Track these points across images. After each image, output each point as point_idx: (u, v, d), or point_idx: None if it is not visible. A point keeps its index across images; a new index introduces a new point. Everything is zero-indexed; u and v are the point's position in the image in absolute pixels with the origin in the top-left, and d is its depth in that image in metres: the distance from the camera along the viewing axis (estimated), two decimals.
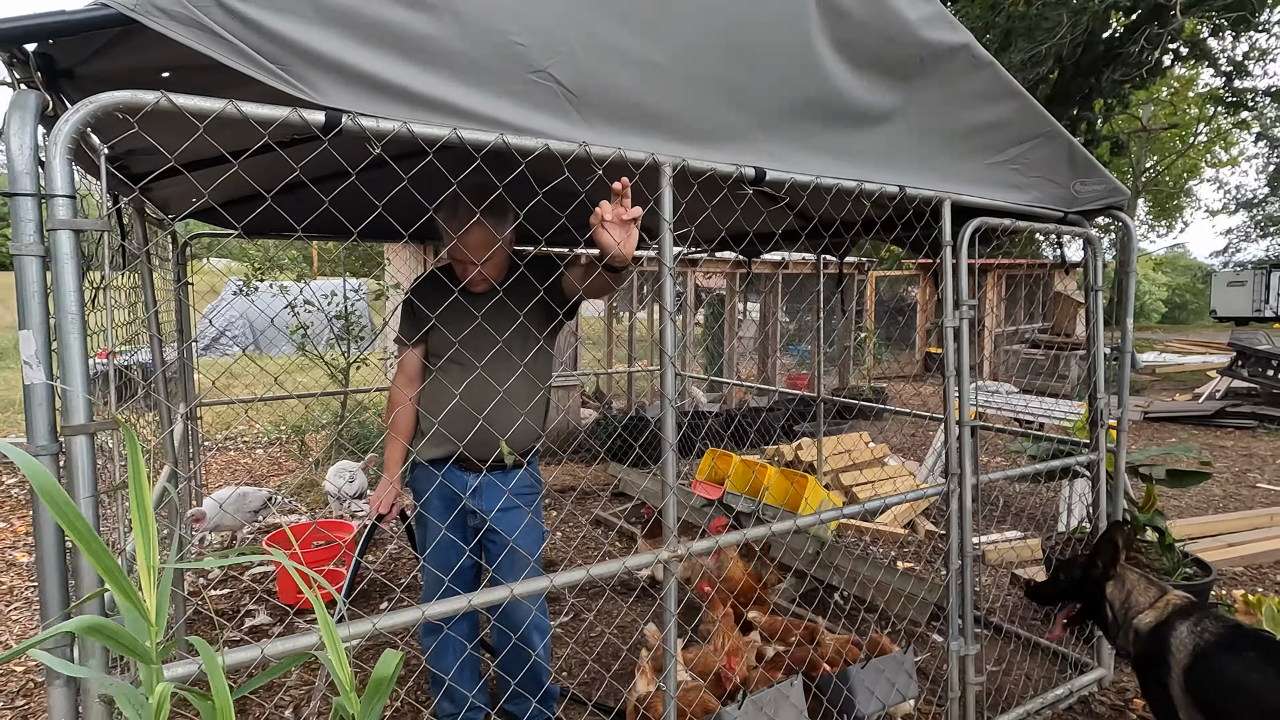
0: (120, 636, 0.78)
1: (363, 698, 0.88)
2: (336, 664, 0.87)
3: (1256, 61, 16.41)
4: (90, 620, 0.78)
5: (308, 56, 1.25)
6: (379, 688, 0.88)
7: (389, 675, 0.89)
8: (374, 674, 0.90)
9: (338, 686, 0.88)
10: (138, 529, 0.83)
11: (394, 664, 0.90)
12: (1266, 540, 4.34)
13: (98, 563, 0.78)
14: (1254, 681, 1.80)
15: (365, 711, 0.86)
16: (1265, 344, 8.89)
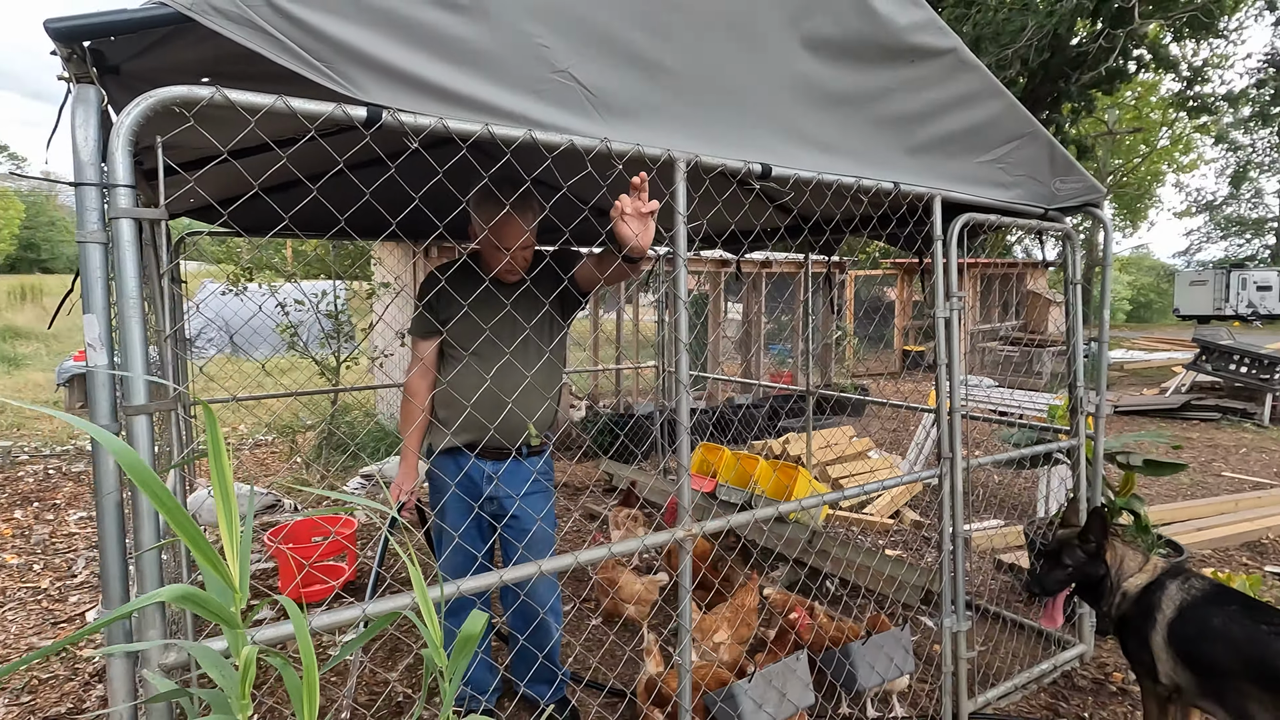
0: (208, 603, 0.83)
1: (450, 655, 0.94)
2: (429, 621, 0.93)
3: (1215, 68, 17.01)
4: (182, 589, 0.83)
5: (350, 54, 1.31)
6: (466, 643, 0.94)
7: (476, 632, 0.95)
8: (461, 631, 0.96)
9: (429, 643, 0.94)
10: (219, 500, 0.88)
11: (481, 622, 0.96)
12: (1232, 525, 4.55)
13: (184, 533, 0.83)
14: (1235, 632, 1.94)
15: (453, 668, 0.92)
16: (1227, 340, 9.24)
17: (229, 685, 0.83)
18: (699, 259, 8.13)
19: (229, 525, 0.90)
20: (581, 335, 8.92)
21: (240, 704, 0.83)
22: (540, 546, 2.08)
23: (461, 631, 0.95)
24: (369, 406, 6.60)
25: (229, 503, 0.93)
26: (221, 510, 0.93)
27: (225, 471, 0.95)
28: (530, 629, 2.10)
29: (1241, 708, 1.92)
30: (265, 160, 2.40)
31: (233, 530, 0.90)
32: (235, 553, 0.91)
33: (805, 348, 4.98)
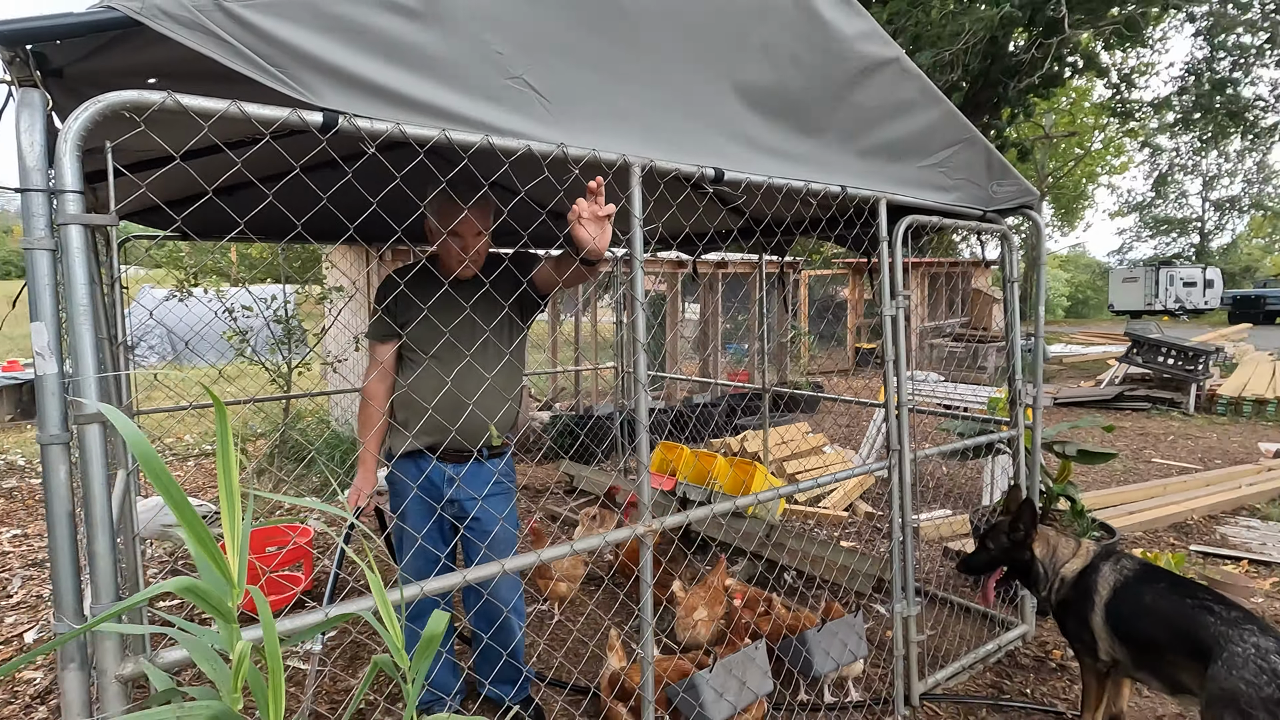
0: (208, 595, 0.84)
1: (413, 656, 0.95)
2: (388, 624, 0.94)
3: (1141, 74, 17.92)
4: (186, 581, 0.84)
5: (306, 59, 1.31)
6: (429, 644, 0.96)
7: (439, 633, 0.97)
8: (425, 632, 0.98)
9: (389, 646, 0.95)
10: (224, 496, 0.89)
11: (444, 623, 0.98)
12: (1160, 508, 4.83)
13: (189, 526, 0.83)
14: (1161, 606, 2.08)
15: (416, 670, 0.94)
16: (1156, 334, 9.76)
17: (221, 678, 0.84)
18: (656, 260, 8.20)
19: (231, 521, 0.91)
20: (540, 337, 8.89)
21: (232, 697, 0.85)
22: (502, 547, 2.09)
23: (425, 632, 0.97)
24: (323, 413, 6.46)
25: (233, 500, 0.93)
26: (226, 506, 0.94)
27: (231, 470, 0.95)
28: (494, 629, 2.11)
29: (1173, 677, 2.06)
30: (215, 163, 2.35)
31: (234, 526, 0.91)
32: (236, 548, 0.91)
33: (761, 347, 5.09)
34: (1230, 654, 1.83)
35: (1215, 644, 1.89)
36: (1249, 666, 1.78)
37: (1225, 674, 1.81)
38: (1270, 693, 1.71)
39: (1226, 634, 1.89)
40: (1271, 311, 22.78)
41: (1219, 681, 1.81)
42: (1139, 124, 21.32)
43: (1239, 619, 1.93)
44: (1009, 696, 2.74)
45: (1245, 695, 1.74)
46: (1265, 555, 4.10)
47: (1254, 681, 1.75)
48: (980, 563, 2.56)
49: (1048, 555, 2.43)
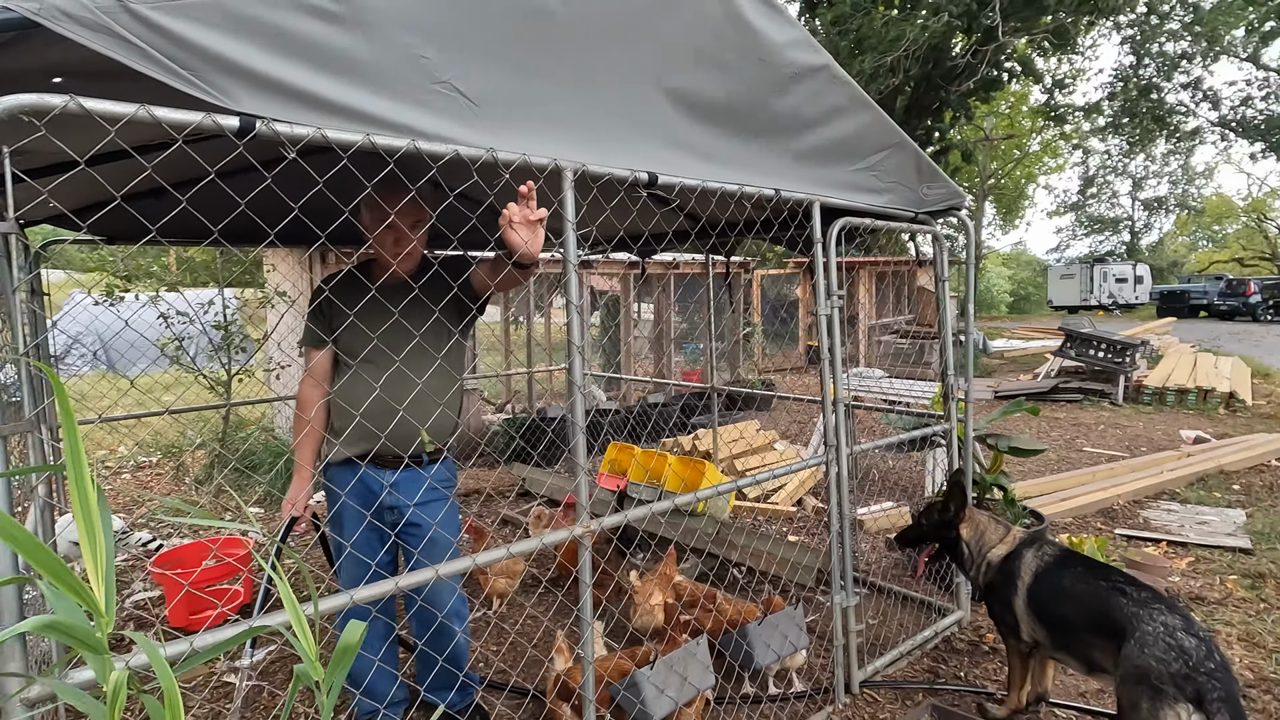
0: (74, 631, 0.81)
1: (328, 666, 0.94)
2: (301, 636, 0.93)
3: (1073, 79, 18.73)
4: (46, 618, 0.81)
5: (218, 63, 1.29)
6: (344, 655, 0.95)
7: (354, 643, 0.96)
8: (340, 642, 0.97)
9: (303, 657, 0.94)
10: (81, 522, 0.86)
11: (359, 633, 0.97)
12: (1089, 494, 5.07)
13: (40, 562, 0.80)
14: (1077, 589, 2.20)
15: (330, 678, 0.93)
16: (1089, 328, 10.22)
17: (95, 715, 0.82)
18: (611, 262, 8.22)
19: (92, 548, 0.88)
20: (494, 339, 8.82)
21: None
22: (441, 552, 2.08)
23: (339, 643, 0.97)
24: (266, 421, 6.28)
25: (91, 525, 0.91)
26: (84, 533, 0.91)
27: (88, 493, 0.93)
28: (435, 636, 2.10)
29: (1089, 657, 2.18)
30: (134, 165, 2.28)
31: (96, 553, 0.88)
32: (100, 576, 0.89)
33: (712, 346, 5.15)
34: (1142, 633, 1.94)
35: (1128, 624, 2.00)
36: (1159, 644, 1.89)
37: (1138, 652, 1.92)
38: (1178, 669, 1.82)
39: (1138, 614, 2.00)
40: (1195, 305, 24.09)
41: (1132, 660, 1.92)
42: (1072, 127, 22.26)
43: (1148, 599, 2.05)
44: (944, 680, 2.84)
45: (1156, 671, 1.85)
46: (1182, 536, 4.35)
47: (1163, 658, 1.86)
48: (912, 537, 2.72)
49: (974, 537, 2.54)
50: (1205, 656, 1.82)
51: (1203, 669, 1.78)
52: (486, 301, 2.18)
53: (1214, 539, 4.27)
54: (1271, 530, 4.39)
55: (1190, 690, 1.76)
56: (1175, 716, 1.75)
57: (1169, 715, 1.76)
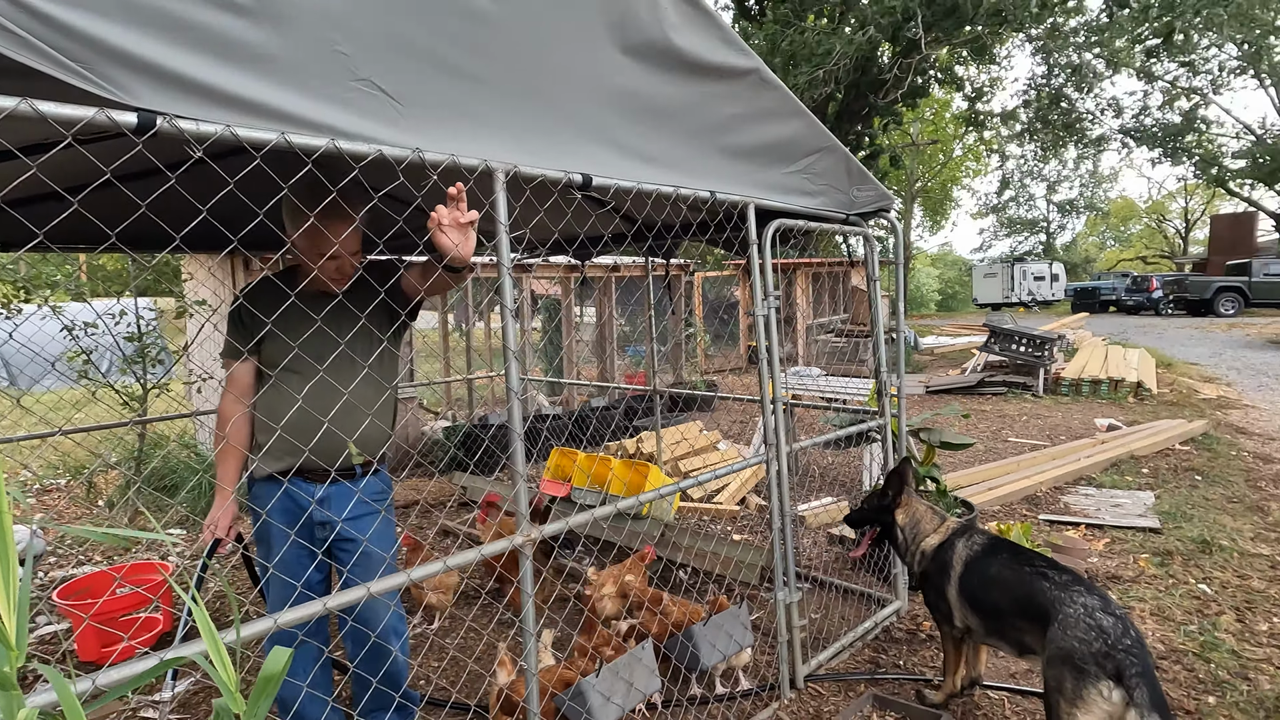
0: None
1: (250, 697, 0.88)
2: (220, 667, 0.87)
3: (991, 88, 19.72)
4: None
5: (114, 55, 1.20)
6: (267, 684, 0.89)
7: (278, 672, 0.90)
8: (262, 671, 0.91)
9: (222, 689, 0.88)
10: None
11: (283, 660, 0.91)
12: (1014, 483, 5.31)
13: None
14: (1004, 575, 2.29)
15: (252, 710, 0.87)
16: (1010, 324, 10.74)
17: None
18: (550, 265, 8.14)
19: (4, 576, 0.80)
20: (430, 348, 8.61)
21: None
22: (376, 568, 2.00)
23: (262, 671, 0.91)
24: (189, 436, 5.94)
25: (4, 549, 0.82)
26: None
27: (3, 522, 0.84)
28: (371, 656, 2.01)
29: (1019, 640, 2.27)
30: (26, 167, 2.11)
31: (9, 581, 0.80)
32: (11, 608, 0.81)
33: (654, 348, 5.16)
34: (1064, 615, 2.04)
35: (1051, 607, 2.09)
36: (1080, 625, 1.98)
37: (1061, 635, 2.00)
38: (1099, 647, 1.92)
39: (1060, 597, 2.09)
40: (1105, 301, 25.65)
41: (1056, 642, 2.01)
42: (992, 133, 23.42)
43: (1069, 582, 2.15)
44: (884, 670, 2.92)
45: (1079, 652, 1.94)
46: (1099, 519, 4.60)
47: (1084, 639, 1.95)
48: (856, 518, 2.85)
49: (910, 525, 2.64)
50: (1122, 634, 1.91)
51: (1120, 646, 1.88)
52: (418, 307, 2.11)
53: (1127, 520, 4.54)
54: (1177, 510, 4.70)
55: (1110, 667, 1.86)
56: (1098, 693, 1.84)
57: (1092, 692, 1.85)
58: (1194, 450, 6.33)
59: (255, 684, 0.94)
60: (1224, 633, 3.13)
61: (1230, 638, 3.09)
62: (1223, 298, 20.76)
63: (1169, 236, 41.31)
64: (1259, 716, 2.55)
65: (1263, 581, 3.65)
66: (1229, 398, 8.84)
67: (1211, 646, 3.00)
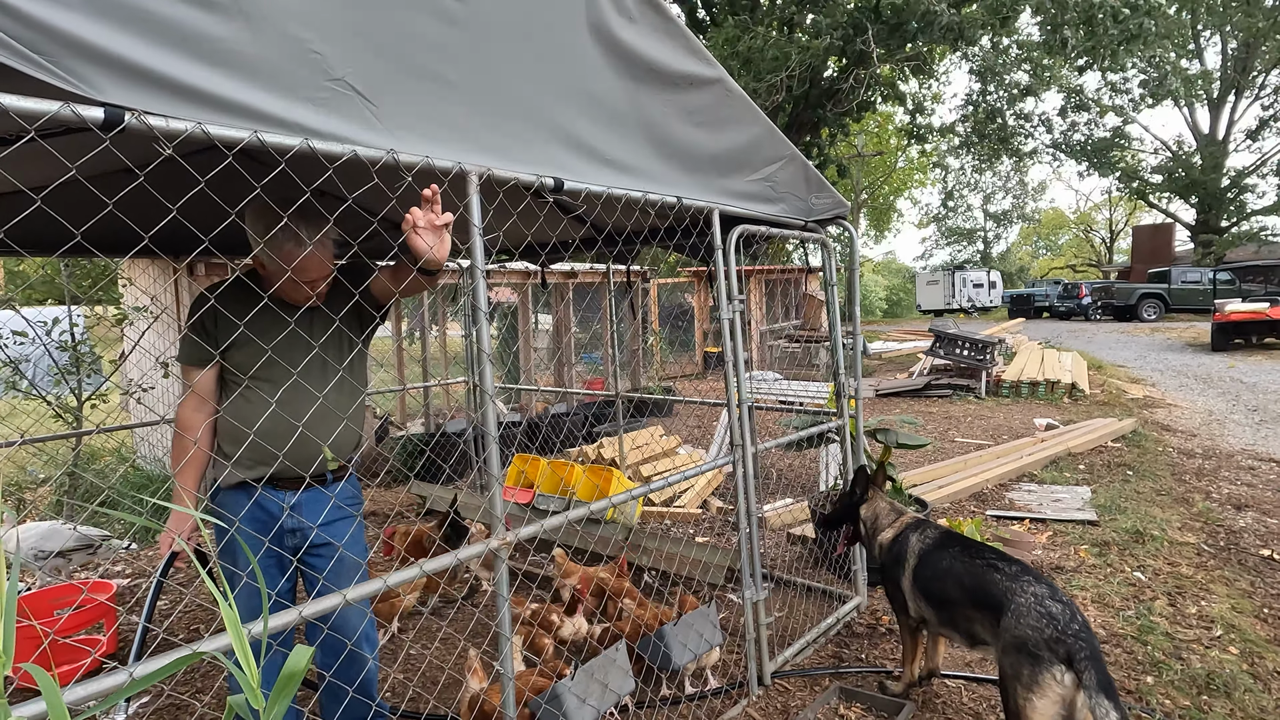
0: None
1: (270, 694, 0.87)
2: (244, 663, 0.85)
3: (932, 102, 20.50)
4: None
5: (80, 48, 1.17)
6: (289, 682, 0.88)
7: (300, 669, 0.89)
8: (285, 668, 0.89)
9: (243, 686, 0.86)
10: None
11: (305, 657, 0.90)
12: (962, 480, 5.52)
13: None
14: (955, 568, 2.38)
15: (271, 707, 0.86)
16: (953, 329, 11.17)
17: None
18: (506, 270, 8.08)
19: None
20: (384, 354, 8.43)
21: None
22: (351, 574, 1.96)
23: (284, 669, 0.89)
24: (127, 450, 5.66)
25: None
26: None
27: None
28: (344, 664, 1.96)
29: (970, 630, 2.36)
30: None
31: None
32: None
33: (613, 354, 5.18)
34: (1016, 605, 2.13)
35: (1004, 598, 2.18)
36: (1031, 614, 2.07)
37: (1015, 624, 2.09)
38: (1050, 634, 2.01)
39: (1011, 588, 2.18)
40: (1040, 307, 26.90)
41: (1010, 631, 2.10)
42: (932, 146, 24.35)
43: (1018, 572, 2.25)
44: (848, 663, 2.99)
45: (1032, 639, 2.03)
46: (1041, 514, 4.82)
47: (1036, 626, 2.04)
48: (832, 519, 2.98)
49: (871, 520, 2.73)
50: (1070, 620, 2.02)
51: (1069, 631, 1.99)
52: (388, 310, 2.08)
53: (1067, 514, 4.77)
54: (1112, 503, 4.96)
55: (1062, 652, 1.96)
56: (1052, 677, 1.94)
57: (1047, 677, 1.94)
58: (1124, 447, 6.70)
59: (277, 681, 0.92)
60: (1158, 616, 3.32)
61: (1164, 621, 3.28)
62: (1145, 304, 22.02)
63: (1095, 246, 43.61)
64: (1193, 693, 2.72)
65: (1190, 568, 3.89)
66: (1154, 397, 9.38)
67: (1148, 630, 3.19)
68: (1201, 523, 4.62)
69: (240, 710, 0.87)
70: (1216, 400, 9.05)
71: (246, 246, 2.08)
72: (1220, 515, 4.74)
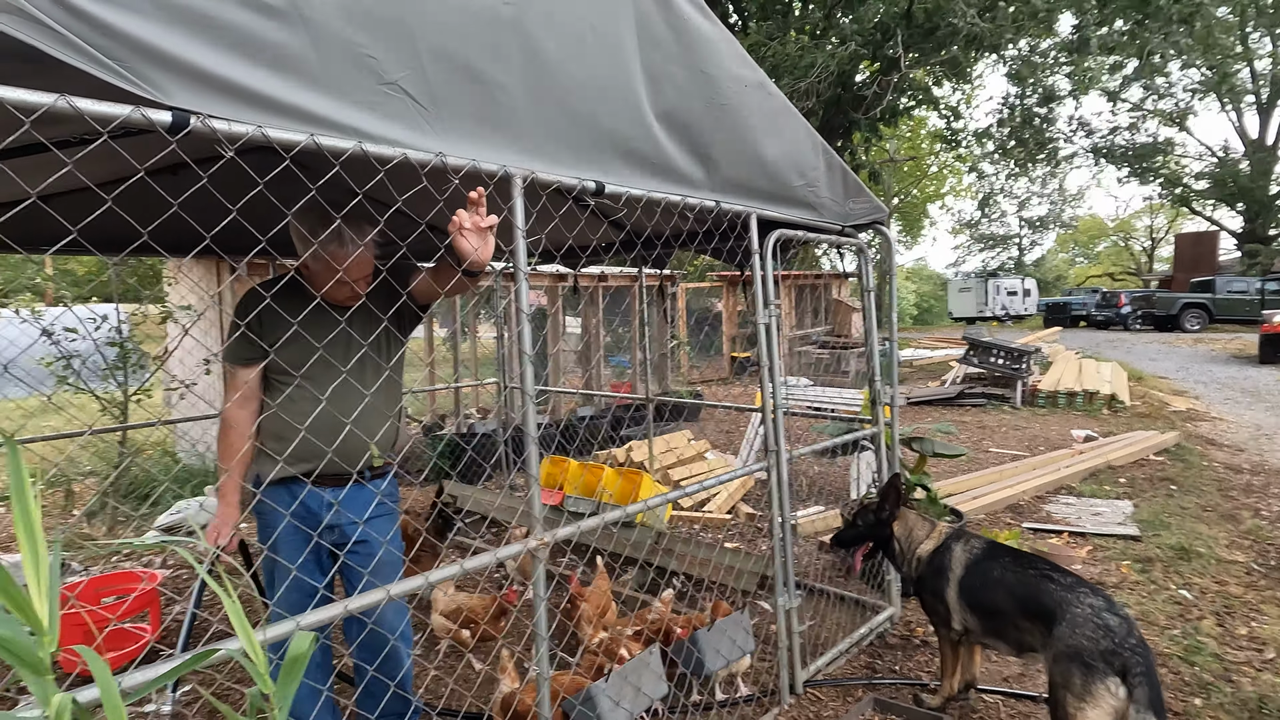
0: (14, 647, 0.74)
1: (278, 680, 0.89)
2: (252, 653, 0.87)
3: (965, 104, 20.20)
4: None
5: (148, 54, 1.20)
6: (294, 666, 0.90)
7: (303, 653, 0.91)
8: (289, 654, 0.92)
9: (253, 674, 0.88)
10: (24, 541, 0.78)
11: (308, 642, 0.92)
12: (997, 492, 5.41)
13: None
14: (1007, 578, 2.34)
15: (281, 691, 0.88)
16: (988, 337, 10.97)
17: None
18: (538, 273, 8.14)
19: (35, 564, 0.81)
20: (416, 354, 8.53)
21: None
22: (388, 571, 1.98)
23: (288, 653, 0.91)
24: (169, 444, 5.82)
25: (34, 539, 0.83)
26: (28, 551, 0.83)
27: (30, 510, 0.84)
28: (380, 662, 1.99)
29: (1019, 639, 2.32)
30: (23, 165, 2.07)
31: (39, 567, 0.80)
32: (43, 594, 0.81)
33: (643, 357, 5.19)
34: (1072, 615, 2.10)
35: (1058, 608, 2.15)
36: (1088, 625, 2.05)
37: (1070, 633, 2.07)
38: (1106, 645, 1.99)
39: (1067, 598, 2.15)
40: (1076, 316, 26.26)
41: (1066, 640, 2.07)
42: (966, 151, 24.00)
43: (1074, 584, 2.21)
44: (881, 674, 2.95)
45: (1088, 650, 2.00)
46: (1081, 527, 4.70)
47: (1093, 637, 2.02)
48: (849, 537, 2.84)
49: (905, 534, 2.68)
50: (1127, 634, 1.98)
51: (1126, 645, 1.95)
52: (428, 309, 2.12)
53: (1108, 528, 4.65)
54: (1155, 519, 4.82)
55: (1118, 664, 1.93)
56: (1105, 689, 1.90)
57: (1100, 688, 1.91)
58: (1168, 461, 6.50)
59: (283, 665, 0.94)
60: (1206, 636, 3.21)
61: (1212, 641, 3.17)
62: (1188, 314, 21.37)
63: (1135, 254, 42.49)
64: (1243, 717, 2.63)
65: (1239, 587, 3.76)
66: (1198, 410, 9.09)
67: (1195, 650, 3.08)
68: (1251, 540, 4.46)
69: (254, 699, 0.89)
70: (1265, 414, 8.74)
71: (287, 246, 2.13)
72: (1271, 533, 4.57)
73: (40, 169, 2.06)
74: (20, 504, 0.78)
